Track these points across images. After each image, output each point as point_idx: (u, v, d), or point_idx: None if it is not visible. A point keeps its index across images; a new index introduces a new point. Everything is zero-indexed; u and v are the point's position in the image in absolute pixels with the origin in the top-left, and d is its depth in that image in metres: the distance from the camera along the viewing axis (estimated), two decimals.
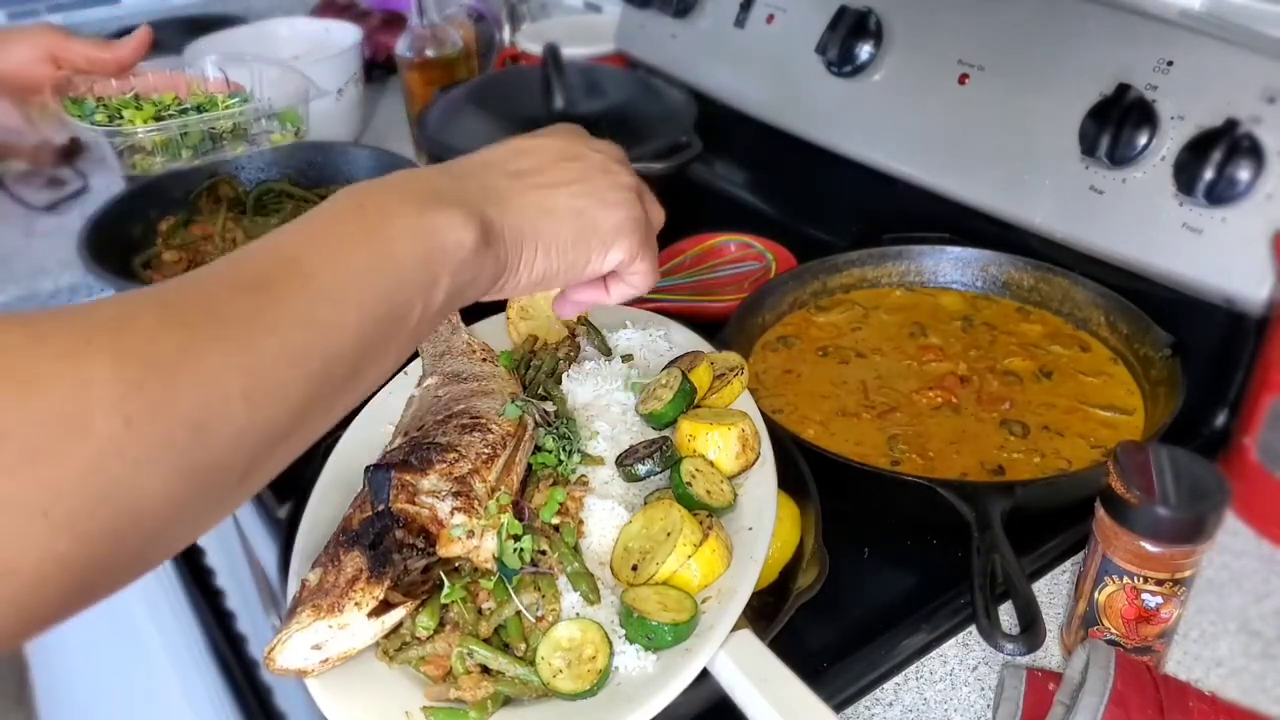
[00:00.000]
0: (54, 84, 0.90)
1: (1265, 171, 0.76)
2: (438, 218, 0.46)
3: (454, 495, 0.56)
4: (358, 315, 0.42)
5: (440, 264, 0.45)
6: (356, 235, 0.44)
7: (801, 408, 0.84)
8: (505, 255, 0.50)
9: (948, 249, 0.99)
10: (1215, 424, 0.83)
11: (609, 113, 1.14)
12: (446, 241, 0.46)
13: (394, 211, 0.45)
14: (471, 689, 0.52)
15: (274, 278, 0.41)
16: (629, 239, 0.54)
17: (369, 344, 0.43)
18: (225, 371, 0.37)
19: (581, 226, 0.52)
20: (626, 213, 0.54)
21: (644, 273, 0.57)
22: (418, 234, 0.45)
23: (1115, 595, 0.60)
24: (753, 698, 0.50)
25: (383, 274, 0.43)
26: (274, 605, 0.91)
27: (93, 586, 0.35)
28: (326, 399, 0.42)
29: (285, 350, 0.39)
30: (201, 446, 0.36)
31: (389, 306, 0.43)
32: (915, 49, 1.02)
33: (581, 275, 0.54)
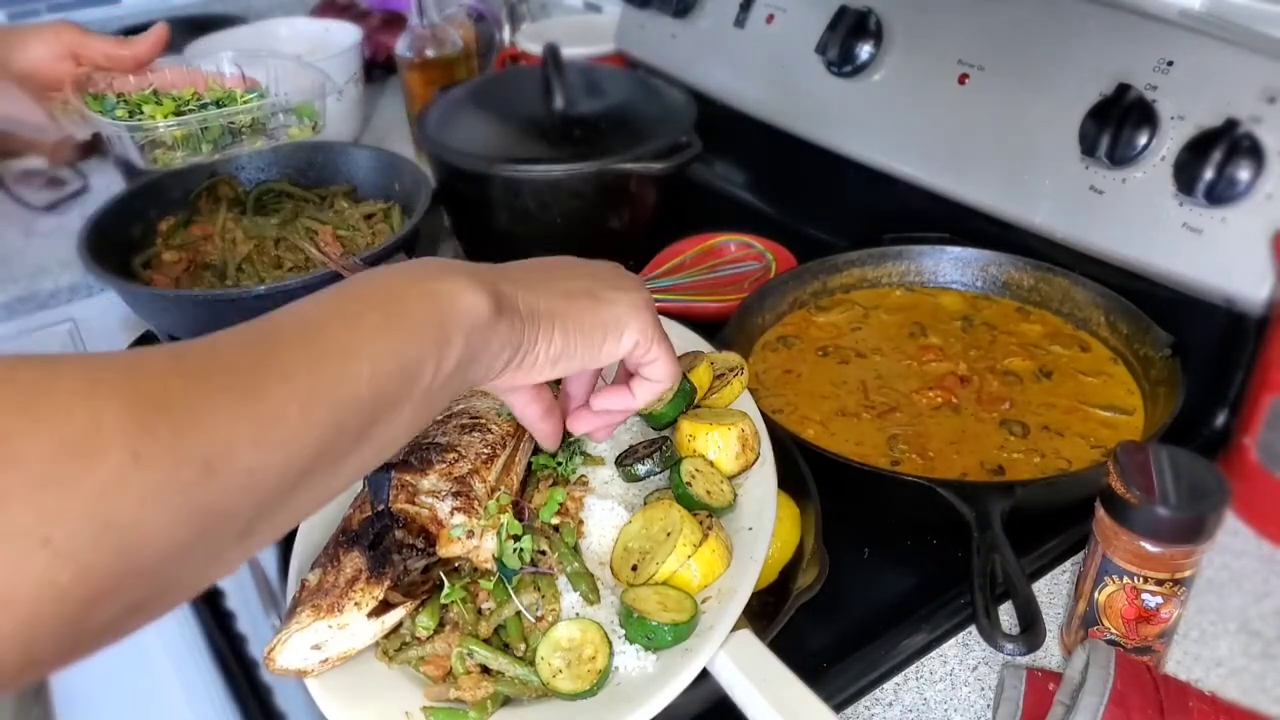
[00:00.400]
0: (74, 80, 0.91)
1: (1265, 171, 0.76)
2: (452, 283, 0.47)
3: (454, 495, 0.56)
4: (369, 367, 0.42)
5: (453, 324, 0.46)
6: (369, 299, 0.45)
7: (801, 408, 0.84)
8: (522, 328, 0.50)
9: (948, 249, 0.99)
10: (1215, 424, 0.83)
11: (609, 113, 1.14)
12: (459, 304, 0.47)
13: (408, 280, 0.47)
14: (471, 689, 0.52)
15: (286, 333, 0.42)
16: (641, 319, 0.55)
17: (381, 397, 0.43)
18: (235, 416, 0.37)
19: (595, 307, 0.53)
20: (638, 295, 0.55)
21: (661, 359, 0.56)
22: (431, 296, 0.46)
23: (1115, 595, 0.60)
24: (753, 698, 0.50)
25: (394, 330, 0.44)
26: (274, 605, 0.91)
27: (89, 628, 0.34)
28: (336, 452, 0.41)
29: (295, 397, 0.39)
30: (208, 488, 0.36)
31: (401, 362, 0.43)
32: (915, 49, 1.02)
33: (599, 357, 0.54)
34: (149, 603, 0.37)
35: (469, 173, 1.06)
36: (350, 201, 1.13)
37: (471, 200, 1.10)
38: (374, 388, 0.42)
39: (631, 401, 0.59)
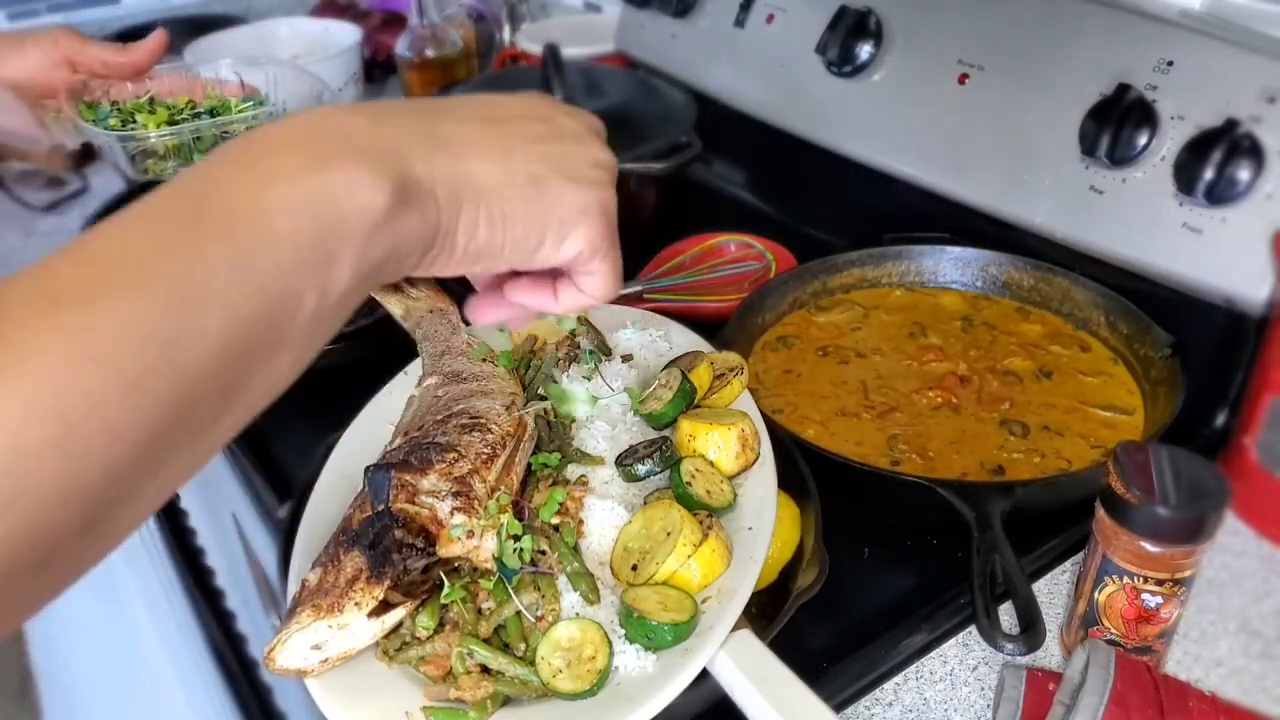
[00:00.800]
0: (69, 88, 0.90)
1: (1265, 171, 0.76)
2: (334, 177, 0.36)
3: (454, 495, 0.56)
4: (220, 321, 0.33)
5: (339, 238, 0.36)
6: (220, 213, 0.34)
7: (801, 408, 0.84)
8: (436, 218, 0.40)
9: (948, 249, 0.99)
10: (1215, 424, 0.83)
11: (609, 113, 1.14)
12: (346, 208, 0.36)
13: (276, 173, 0.35)
14: (471, 689, 0.52)
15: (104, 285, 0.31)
16: (592, 227, 0.45)
17: (241, 352, 0.34)
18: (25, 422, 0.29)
19: (539, 199, 0.43)
20: (595, 195, 0.45)
21: (604, 275, 0.47)
22: (304, 202, 0.35)
23: (1115, 595, 0.60)
24: (753, 698, 0.50)
25: (253, 263, 0.34)
26: (274, 605, 0.91)
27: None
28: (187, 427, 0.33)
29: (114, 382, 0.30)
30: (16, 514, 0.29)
31: (265, 302, 0.34)
32: (915, 49, 1.02)
33: (530, 260, 0.44)
34: None
35: None
36: None
37: None
38: (227, 344, 0.33)
39: (552, 304, 0.49)
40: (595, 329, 0.73)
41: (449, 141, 0.41)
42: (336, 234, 0.36)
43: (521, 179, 0.42)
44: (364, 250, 0.37)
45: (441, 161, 0.40)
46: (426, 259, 0.41)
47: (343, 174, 0.36)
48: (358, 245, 0.37)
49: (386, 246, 0.38)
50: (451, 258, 0.42)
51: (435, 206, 0.40)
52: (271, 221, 0.34)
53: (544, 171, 0.43)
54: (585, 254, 0.46)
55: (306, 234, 0.35)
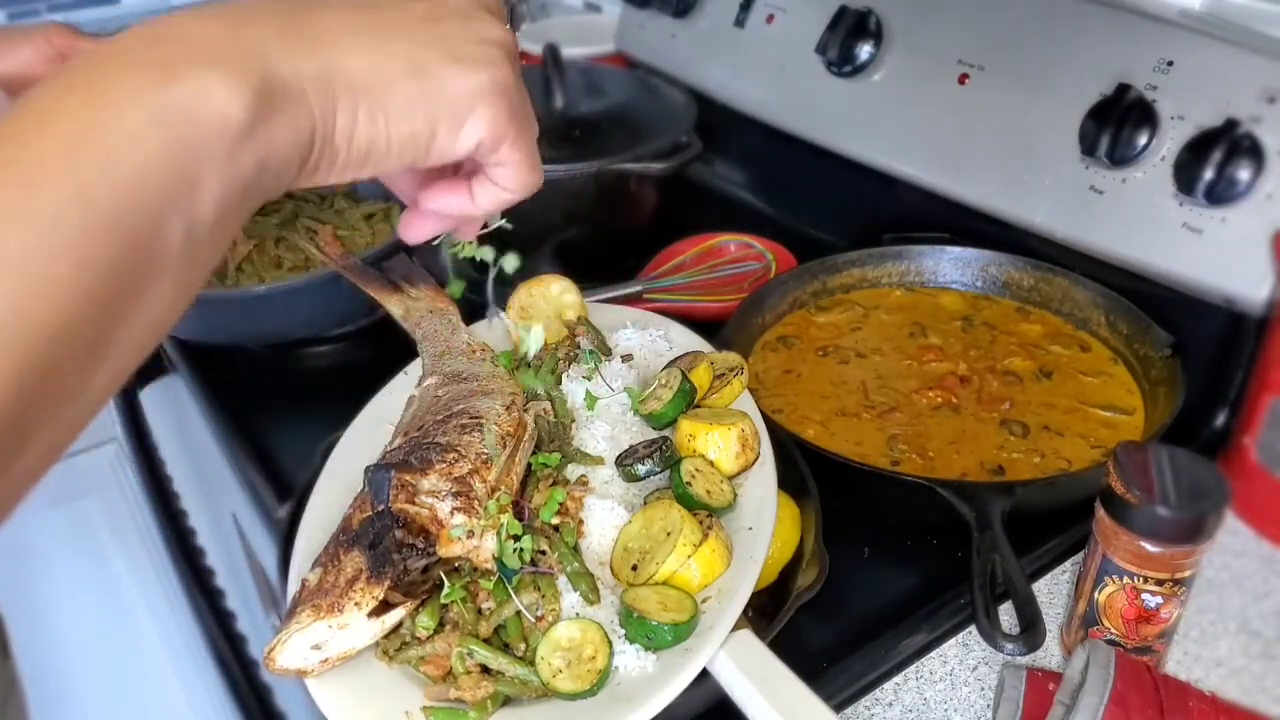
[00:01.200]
0: None
1: (1265, 171, 0.76)
2: (185, 88, 0.32)
3: (454, 495, 0.56)
4: (71, 268, 0.29)
5: (197, 157, 0.32)
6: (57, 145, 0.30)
7: (801, 408, 0.84)
8: (311, 122, 0.36)
9: (948, 249, 0.99)
10: (1215, 424, 0.83)
11: (609, 113, 1.15)
12: (202, 122, 0.32)
13: (116, 95, 0.31)
14: (471, 689, 0.52)
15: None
16: (492, 109, 0.41)
17: (103, 301, 0.30)
18: None
19: (422, 86, 0.39)
20: (489, 75, 0.40)
21: (515, 164, 0.43)
22: (152, 121, 0.31)
23: (1115, 595, 0.60)
24: (753, 698, 0.50)
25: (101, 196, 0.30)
26: (274, 605, 0.91)
27: None
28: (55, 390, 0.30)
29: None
30: None
31: (123, 239, 0.30)
32: (915, 49, 1.02)
33: (425, 156, 0.41)
34: None
35: None
36: (350, 201, 1.12)
37: None
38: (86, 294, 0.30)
39: (469, 206, 0.46)
40: (595, 329, 0.73)
41: (316, 34, 0.37)
42: (194, 153, 0.32)
43: (401, 66, 0.38)
44: (228, 167, 0.33)
45: (308, 58, 0.36)
46: (307, 168, 0.38)
47: (193, 84, 0.32)
48: (220, 162, 0.33)
49: (255, 159, 0.34)
50: (335, 164, 0.38)
51: (306, 109, 0.36)
52: (116, 150, 0.31)
53: (426, 56, 0.39)
54: (488, 142, 0.42)
55: (160, 157, 0.31)
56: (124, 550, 1.46)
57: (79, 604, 1.51)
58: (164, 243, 0.32)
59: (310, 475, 0.68)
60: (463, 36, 0.41)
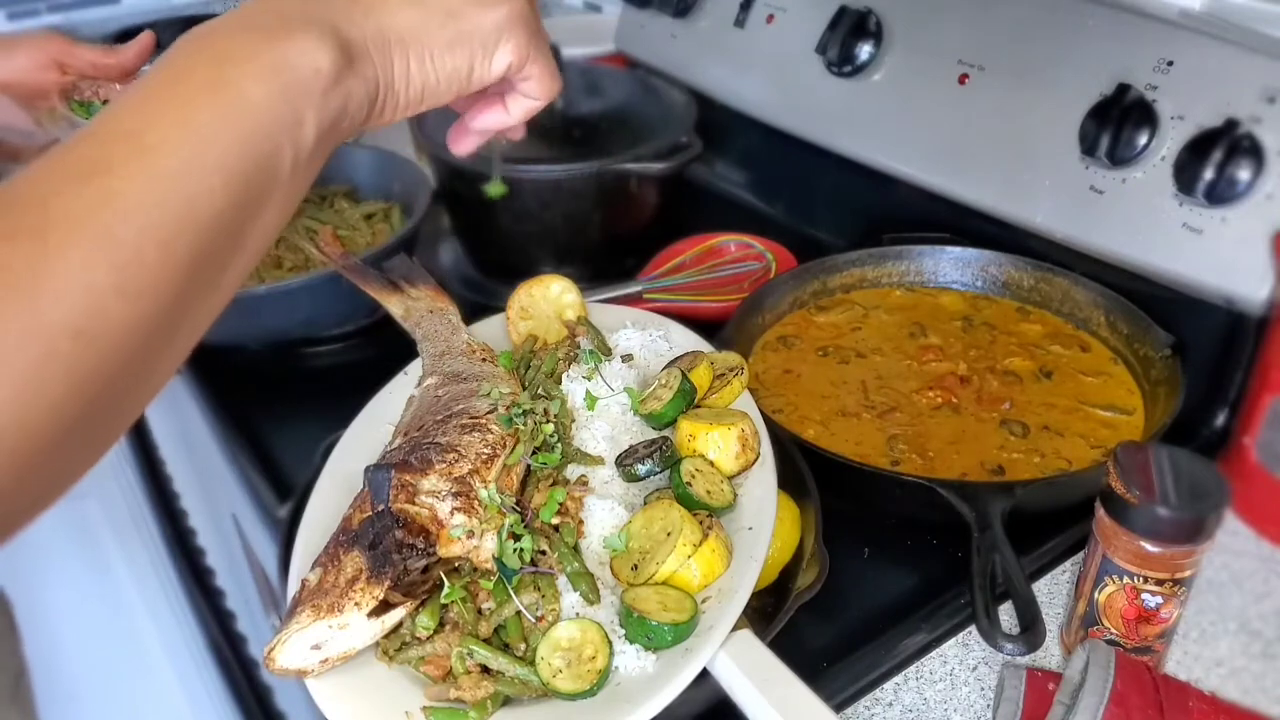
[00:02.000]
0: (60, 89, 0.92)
1: (1265, 171, 0.76)
2: (287, 48, 0.41)
3: (454, 495, 0.56)
4: (221, 178, 0.38)
5: (301, 99, 0.41)
6: (200, 89, 0.39)
7: (801, 408, 0.84)
8: (375, 73, 0.45)
9: (948, 249, 0.99)
10: (1215, 424, 0.83)
11: (609, 113, 1.14)
12: (302, 72, 0.41)
13: (237, 54, 0.41)
14: (471, 689, 0.52)
15: (116, 159, 0.37)
16: (515, 36, 0.49)
17: (242, 205, 0.39)
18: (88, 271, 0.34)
19: (458, 29, 0.48)
20: (508, 7, 0.49)
21: (538, 77, 0.52)
22: (267, 72, 0.41)
23: (1115, 595, 0.60)
24: (753, 698, 0.50)
25: (237, 127, 0.39)
26: (274, 605, 0.91)
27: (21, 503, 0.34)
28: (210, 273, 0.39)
29: (149, 235, 0.36)
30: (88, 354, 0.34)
31: (254, 160, 0.40)
32: (915, 49, 1.02)
33: (468, 85, 0.49)
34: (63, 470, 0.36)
35: (469, 173, 1.06)
36: (350, 201, 1.13)
37: (471, 200, 1.10)
38: (231, 199, 0.39)
39: (506, 117, 0.55)
40: (595, 329, 0.73)
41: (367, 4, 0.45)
42: (299, 95, 0.41)
43: (438, 16, 0.47)
44: (322, 107, 0.42)
45: (367, 20, 0.45)
46: (375, 110, 0.46)
47: (294, 45, 0.41)
48: (316, 103, 0.42)
49: (340, 102, 0.43)
50: (399, 105, 0.47)
51: (372, 62, 0.45)
52: (244, 91, 0.40)
53: (456, 4, 0.48)
54: (515, 64, 0.50)
55: (276, 98, 0.40)
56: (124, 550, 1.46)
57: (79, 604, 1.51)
58: (280, 162, 0.41)
59: (310, 475, 0.68)
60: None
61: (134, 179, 0.36)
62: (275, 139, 0.41)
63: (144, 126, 0.38)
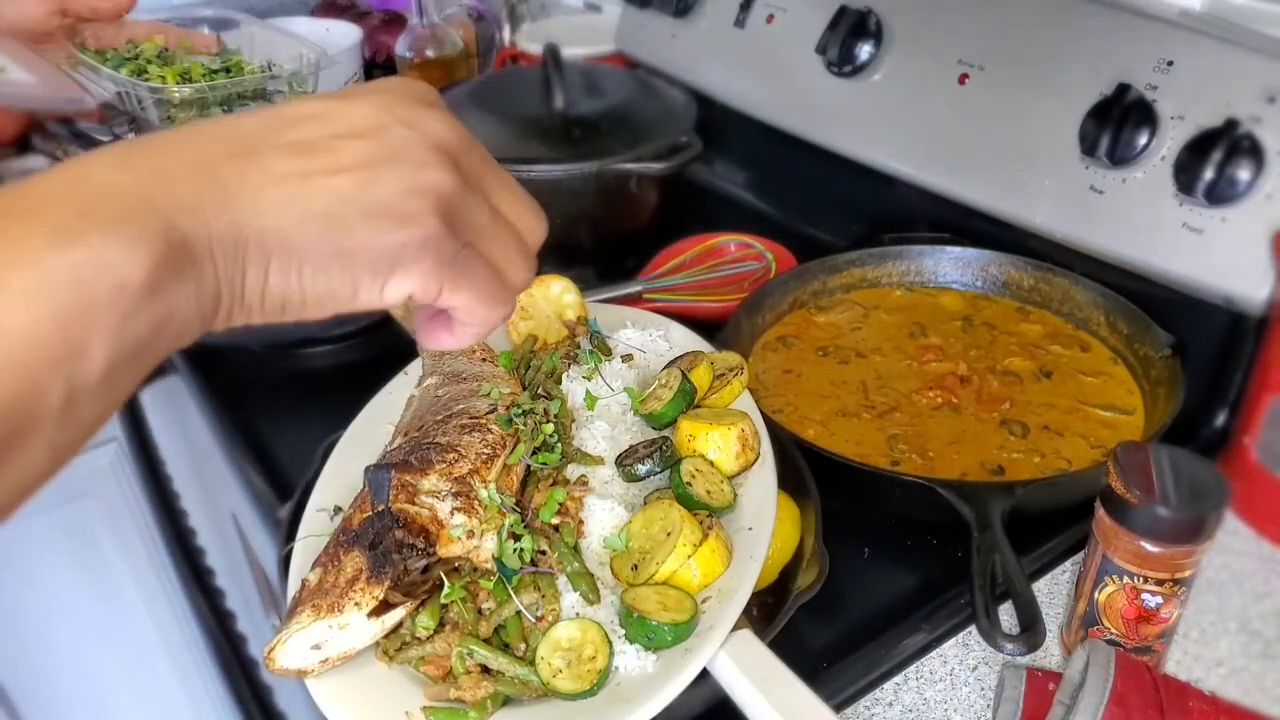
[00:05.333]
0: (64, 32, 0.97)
1: (1265, 171, 0.76)
2: (80, 254, 0.31)
3: (454, 495, 0.56)
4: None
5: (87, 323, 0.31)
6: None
7: (801, 408, 0.84)
8: (214, 283, 0.35)
9: (948, 249, 0.99)
10: (1215, 424, 0.83)
11: (609, 113, 1.14)
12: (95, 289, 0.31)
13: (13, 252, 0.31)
14: (471, 689, 0.52)
15: None
16: (415, 265, 0.39)
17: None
18: None
19: (340, 244, 0.37)
20: (410, 232, 0.38)
21: (463, 306, 0.41)
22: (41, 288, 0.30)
23: (1115, 595, 0.60)
24: (753, 698, 0.50)
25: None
26: (274, 605, 0.91)
27: None
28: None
29: None
30: None
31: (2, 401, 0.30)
32: (915, 49, 1.02)
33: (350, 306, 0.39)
34: None
35: None
36: None
37: None
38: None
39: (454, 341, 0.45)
40: (595, 329, 0.73)
41: (232, 186, 0.35)
42: (84, 319, 0.31)
43: (318, 224, 0.37)
44: (121, 331, 0.32)
45: (218, 216, 0.35)
46: (218, 321, 0.37)
47: (92, 247, 0.31)
48: (112, 327, 0.32)
49: (152, 322, 0.33)
50: (249, 316, 0.37)
51: (212, 270, 0.35)
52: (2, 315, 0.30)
53: (345, 211, 0.37)
54: (420, 295, 0.40)
55: (46, 324, 0.31)
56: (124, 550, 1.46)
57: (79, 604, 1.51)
58: (41, 405, 0.31)
59: (310, 475, 0.68)
60: (392, 187, 0.38)
61: None
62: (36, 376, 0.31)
63: None
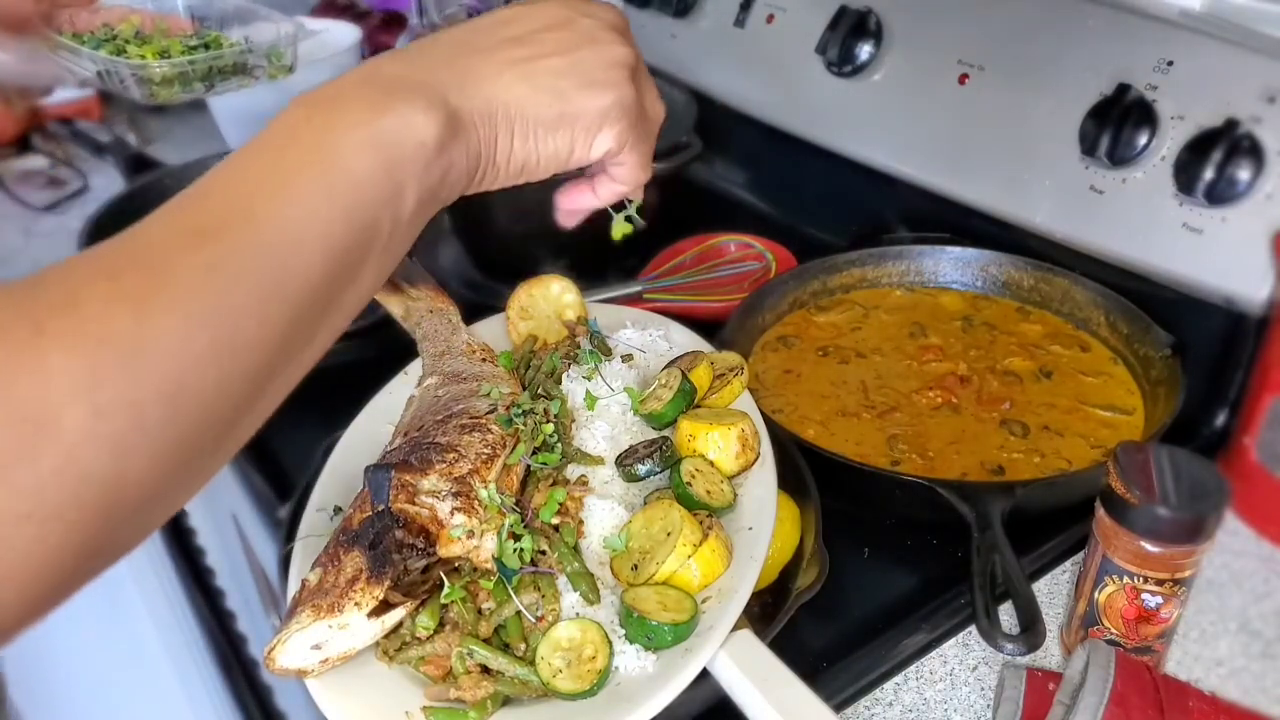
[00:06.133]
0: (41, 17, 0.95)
1: (1265, 171, 0.76)
2: (393, 120, 0.42)
3: (454, 495, 0.56)
4: (321, 249, 0.39)
5: (403, 170, 0.42)
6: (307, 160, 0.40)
7: (801, 408, 0.84)
8: (478, 145, 0.46)
9: (948, 249, 0.99)
10: (1215, 424, 0.83)
11: None
12: (406, 144, 0.42)
13: (343, 121, 0.41)
14: (471, 689, 0.52)
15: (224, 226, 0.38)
16: (617, 124, 0.50)
17: (338, 274, 0.40)
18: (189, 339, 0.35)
19: (563, 109, 0.48)
20: (615, 95, 0.49)
21: (631, 165, 0.53)
22: (372, 144, 0.41)
23: (1115, 595, 0.60)
24: (753, 698, 0.50)
25: (339, 199, 0.40)
26: (274, 605, 0.91)
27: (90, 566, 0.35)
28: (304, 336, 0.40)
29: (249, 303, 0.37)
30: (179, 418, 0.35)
31: (354, 231, 0.40)
32: (915, 49, 1.02)
33: (566, 165, 0.50)
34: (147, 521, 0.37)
35: None
36: None
37: (471, 200, 1.10)
38: (328, 269, 0.40)
39: (593, 200, 0.57)
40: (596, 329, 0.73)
41: (478, 72, 0.46)
42: (401, 166, 0.42)
43: (545, 95, 0.47)
44: (424, 177, 0.43)
45: (474, 92, 0.45)
46: (474, 180, 0.47)
47: (399, 115, 0.42)
48: (418, 174, 0.42)
49: (441, 172, 0.44)
50: (498, 176, 0.48)
51: (476, 135, 0.45)
52: (348, 163, 0.40)
53: (564, 84, 0.48)
54: (614, 150, 0.51)
55: (378, 169, 0.41)
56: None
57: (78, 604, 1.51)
58: (378, 233, 0.41)
59: (310, 475, 0.68)
60: (591, 62, 0.49)
61: (238, 250, 0.37)
62: (376, 211, 0.41)
63: (251, 194, 0.39)
